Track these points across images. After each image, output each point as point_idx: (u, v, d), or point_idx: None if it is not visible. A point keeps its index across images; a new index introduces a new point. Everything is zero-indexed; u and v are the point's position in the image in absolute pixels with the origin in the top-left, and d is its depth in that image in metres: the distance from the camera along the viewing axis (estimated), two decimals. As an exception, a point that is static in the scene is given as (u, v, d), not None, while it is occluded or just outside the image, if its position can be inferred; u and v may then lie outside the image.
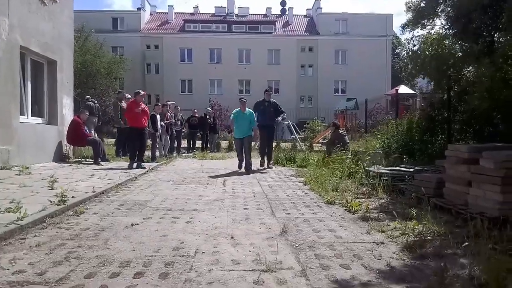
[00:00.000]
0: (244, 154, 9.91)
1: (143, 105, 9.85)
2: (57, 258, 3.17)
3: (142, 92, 10.09)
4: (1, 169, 7.52)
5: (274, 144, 12.85)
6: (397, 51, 48.19)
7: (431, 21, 8.80)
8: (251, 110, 10.09)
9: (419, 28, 9.22)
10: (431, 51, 8.86)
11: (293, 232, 4.08)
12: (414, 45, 9.62)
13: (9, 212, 4.31)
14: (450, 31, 8.70)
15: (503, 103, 6.82)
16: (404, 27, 9.54)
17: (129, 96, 11.95)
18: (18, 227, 3.84)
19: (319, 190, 6.57)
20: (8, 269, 2.91)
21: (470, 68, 8.45)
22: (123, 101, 12.12)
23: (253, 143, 11.69)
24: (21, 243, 3.55)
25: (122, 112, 11.56)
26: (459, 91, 8.78)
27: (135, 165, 9.53)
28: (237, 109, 10.06)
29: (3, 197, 5.14)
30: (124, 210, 5.07)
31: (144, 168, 9.46)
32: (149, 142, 11.38)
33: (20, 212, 4.19)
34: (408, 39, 9.98)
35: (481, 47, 7.03)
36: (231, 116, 10.22)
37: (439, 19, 8.81)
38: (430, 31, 9.30)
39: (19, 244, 3.53)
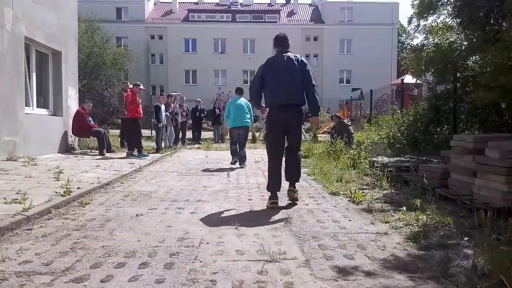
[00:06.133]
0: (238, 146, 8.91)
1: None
2: (63, 248, 3.21)
3: (142, 86, 10.49)
4: (7, 160, 7.57)
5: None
6: (402, 38, 47.73)
7: (436, 11, 8.69)
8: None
9: (424, 20, 9.11)
10: (436, 41, 8.77)
11: (297, 222, 4.09)
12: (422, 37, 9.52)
13: (15, 203, 4.36)
14: (457, 19, 8.59)
15: (508, 92, 6.76)
16: (410, 21, 9.43)
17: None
18: (24, 218, 3.87)
19: (323, 181, 6.56)
20: (15, 260, 2.94)
21: (476, 57, 8.35)
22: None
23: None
24: (28, 234, 3.59)
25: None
26: (464, 81, 8.69)
27: (136, 152, 9.90)
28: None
29: (9, 188, 5.18)
30: (129, 201, 5.10)
31: (147, 155, 9.99)
32: (154, 133, 11.77)
33: (26, 203, 4.23)
34: (412, 31, 9.80)
35: (488, 36, 6.94)
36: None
37: (445, 8, 8.69)
38: (436, 20, 9.19)
39: (25, 235, 3.56)
